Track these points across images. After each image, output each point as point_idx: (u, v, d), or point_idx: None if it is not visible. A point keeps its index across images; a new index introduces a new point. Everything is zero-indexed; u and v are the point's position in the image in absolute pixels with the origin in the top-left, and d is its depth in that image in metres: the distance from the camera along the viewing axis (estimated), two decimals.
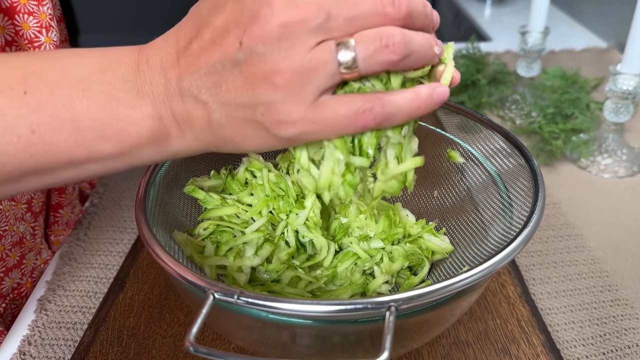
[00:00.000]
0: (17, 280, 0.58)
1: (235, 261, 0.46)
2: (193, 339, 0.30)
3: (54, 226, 0.64)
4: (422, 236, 0.50)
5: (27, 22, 0.53)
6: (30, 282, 0.60)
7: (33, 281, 0.60)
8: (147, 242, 0.38)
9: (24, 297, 0.59)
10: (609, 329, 0.52)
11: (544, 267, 0.59)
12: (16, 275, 0.58)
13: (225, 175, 0.53)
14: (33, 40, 0.54)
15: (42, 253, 0.61)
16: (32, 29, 0.53)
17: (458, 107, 0.52)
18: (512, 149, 0.47)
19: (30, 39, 0.53)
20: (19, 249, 0.57)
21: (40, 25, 0.53)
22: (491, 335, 0.50)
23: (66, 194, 0.64)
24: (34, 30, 0.53)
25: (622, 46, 1.05)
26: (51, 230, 0.64)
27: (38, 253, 0.60)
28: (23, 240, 0.57)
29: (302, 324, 0.35)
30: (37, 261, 0.60)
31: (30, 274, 0.60)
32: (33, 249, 0.59)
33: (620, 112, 0.71)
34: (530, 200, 0.42)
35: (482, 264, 0.35)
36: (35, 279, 0.60)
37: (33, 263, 0.60)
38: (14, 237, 0.56)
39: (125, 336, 0.51)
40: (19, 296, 0.59)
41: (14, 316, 0.58)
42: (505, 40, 1.15)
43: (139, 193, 0.43)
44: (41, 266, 0.61)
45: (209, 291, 0.33)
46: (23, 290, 0.59)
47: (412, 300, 0.32)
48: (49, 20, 0.53)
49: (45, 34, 0.54)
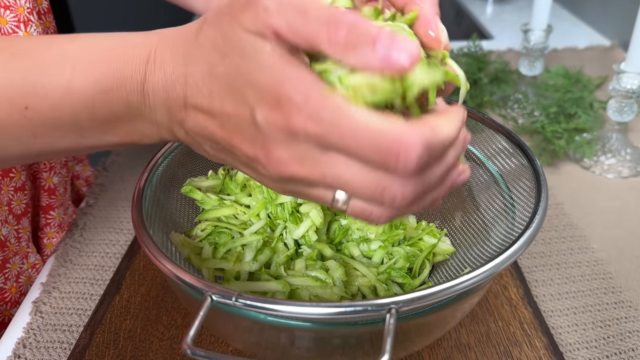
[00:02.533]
0: (0, 284, 0.57)
1: (235, 266, 0.46)
2: (190, 342, 0.30)
3: (45, 228, 0.63)
4: (423, 238, 0.49)
5: (3, 17, 0.52)
6: (15, 288, 0.58)
7: (19, 287, 0.59)
8: (143, 244, 0.38)
9: (9, 303, 0.58)
10: (613, 331, 0.51)
11: (547, 269, 0.58)
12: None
13: (223, 175, 0.52)
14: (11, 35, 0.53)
15: (29, 257, 0.60)
16: (9, 24, 0.52)
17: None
18: (514, 148, 0.47)
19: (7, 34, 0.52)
20: (0, 252, 0.56)
21: (17, 19, 0.52)
22: (493, 338, 0.50)
23: (57, 195, 0.62)
24: (12, 25, 0.52)
25: (626, 44, 1.05)
26: (43, 232, 0.63)
27: (24, 257, 0.59)
28: (6, 244, 0.56)
29: (301, 326, 0.35)
30: (24, 265, 0.59)
31: (16, 278, 0.58)
32: (18, 252, 0.58)
33: (624, 111, 0.70)
34: (532, 200, 0.41)
35: (484, 266, 0.35)
36: (21, 284, 0.59)
37: (19, 267, 0.58)
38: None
39: (121, 339, 0.50)
40: (2, 301, 0.57)
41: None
42: (508, 39, 1.15)
43: (135, 193, 0.43)
44: (28, 270, 0.60)
45: (207, 293, 0.33)
46: (7, 296, 0.58)
47: (412, 302, 0.32)
48: (27, 14, 0.52)
49: (24, 29, 0.52)
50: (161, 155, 0.48)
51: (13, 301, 0.58)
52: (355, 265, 0.48)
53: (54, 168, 0.61)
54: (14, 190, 0.57)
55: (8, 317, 0.58)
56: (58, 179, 0.62)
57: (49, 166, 0.60)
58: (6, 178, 0.55)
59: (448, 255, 0.49)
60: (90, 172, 0.75)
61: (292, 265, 0.47)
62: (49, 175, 0.61)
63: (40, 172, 0.60)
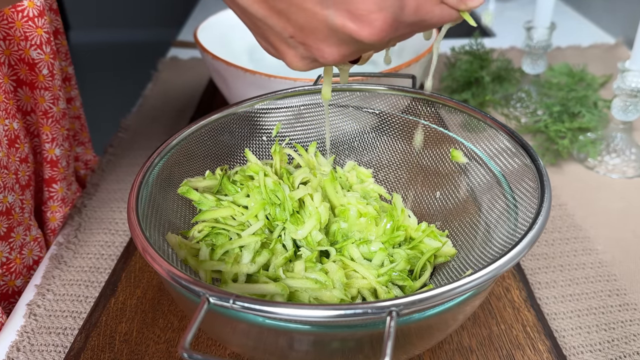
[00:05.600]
0: (6, 254, 0.57)
1: (232, 267, 0.45)
2: (187, 345, 0.30)
3: (49, 202, 0.64)
4: (423, 240, 0.49)
5: None
6: (19, 259, 0.59)
7: (22, 259, 0.59)
8: (139, 245, 0.38)
9: (13, 274, 0.58)
10: (617, 334, 0.51)
11: (550, 271, 0.58)
12: (4, 249, 0.57)
13: (220, 175, 0.52)
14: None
15: (31, 229, 0.61)
16: None
17: (461, 105, 0.51)
18: (517, 148, 0.46)
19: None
20: (6, 219, 0.56)
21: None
22: (495, 341, 0.49)
23: (59, 167, 0.64)
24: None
25: (630, 42, 1.04)
26: (46, 206, 0.64)
27: (27, 229, 0.60)
28: (11, 212, 0.57)
29: (300, 329, 0.35)
30: (27, 237, 0.60)
31: (20, 250, 0.59)
32: (22, 223, 0.59)
33: (629, 110, 0.70)
34: (535, 201, 0.41)
35: (486, 268, 0.34)
36: (24, 256, 0.60)
37: (22, 239, 0.59)
38: (1, 206, 0.55)
39: (117, 342, 0.50)
40: (8, 272, 0.58)
41: (2, 294, 0.58)
42: (510, 36, 1.14)
43: (131, 194, 0.43)
44: (31, 243, 0.60)
45: (204, 296, 0.32)
46: (12, 266, 0.58)
47: (413, 304, 0.32)
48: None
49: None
50: (157, 155, 0.47)
51: (17, 272, 0.59)
52: (355, 268, 0.47)
53: (56, 139, 0.63)
54: (19, 161, 0.58)
55: (12, 289, 0.59)
56: (60, 151, 0.64)
57: (51, 137, 0.62)
58: (12, 148, 0.57)
59: (449, 257, 0.49)
60: (92, 156, 0.75)
61: (291, 267, 0.47)
62: (50, 146, 0.62)
63: (42, 143, 0.62)
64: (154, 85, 0.98)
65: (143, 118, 0.88)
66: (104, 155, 0.77)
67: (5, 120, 0.55)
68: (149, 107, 0.91)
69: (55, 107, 0.61)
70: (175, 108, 0.90)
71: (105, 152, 0.78)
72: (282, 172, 0.52)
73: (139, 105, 0.92)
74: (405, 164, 0.56)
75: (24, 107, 0.60)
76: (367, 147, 0.58)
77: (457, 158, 0.52)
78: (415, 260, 0.48)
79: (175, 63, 1.06)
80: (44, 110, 0.61)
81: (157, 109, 0.90)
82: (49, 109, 0.61)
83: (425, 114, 0.54)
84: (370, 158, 0.58)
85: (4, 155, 0.54)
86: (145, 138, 0.82)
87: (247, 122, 0.55)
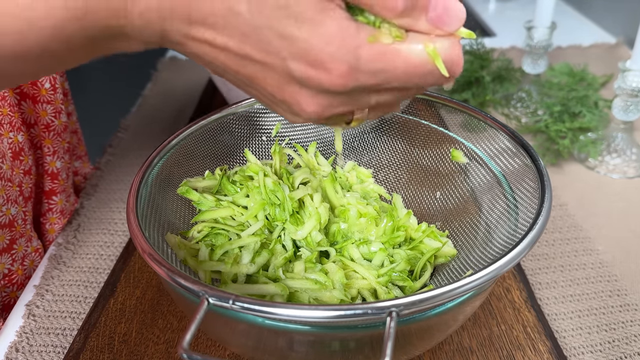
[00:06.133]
0: (8, 266, 0.58)
1: (232, 268, 0.45)
2: (187, 346, 0.30)
3: (48, 214, 0.64)
4: (423, 241, 0.49)
5: None
6: (21, 270, 0.59)
7: (24, 269, 0.60)
8: (139, 245, 0.37)
9: (15, 285, 0.59)
10: (618, 335, 0.51)
11: (551, 271, 0.57)
12: (6, 260, 0.57)
13: (220, 175, 0.52)
14: None
15: (32, 241, 0.61)
16: None
17: (461, 105, 0.51)
18: (518, 148, 0.46)
19: None
20: (8, 231, 0.57)
21: None
22: (496, 342, 0.49)
23: (59, 179, 0.64)
24: None
25: (631, 42, 1.04)
26: (45, 218, 0.65)
27: (29, 240, 0.60)
28: (14, 224, 0.57)
29: (299, 330, 0.35)
30: (28, 248, 0.60)
31: (21, 261, 0.59)
32: (24, 234, 0.59)
33: (630, 110, 0.70)
34: (536, 201, 0.41)
35: (487, 268, 0.34)
36: (26, 267, 0.60)
37: (24, 250, 0.59)
38: (4, 219, 0.56)
39: (116, 343, 0.50)
40: (10, 283, 0.58)
41: (4, 305, 0.58)
42: (511, 36, 1.14)
43: (130, 194, 0.43)
44: (32, 254, 0.61)
45: (204, 296, 0.32)
46: (14, 278, 0.58)
47: (413, 305, 0.32)
48: None
49: None
50: (157, 154, 0.47)
51: (19, 283, 0.59)
52: (355, 268, 0.47)
53: (57, 152, 0.63)
54: (23, 173, 0.58)
55: (14, 299, 0.59)
56: (61, 164, 0.64)
57: (53, 150, 0.63)
58: (16, 161, 0.57)
59: (450, 258, 0.49)
60: (89, 168, 0.76)
61: (290, 268, 0.47)
62: (52, 159, 0.63)
63: (44, 156, 0.62)
64: (154, 85, 0.98)
65: (142, 118, 0.87)
66: (103, 155, 0.77)
67: (10, 133, 0.55)
68: (148, 107, 0.91)
69: (57, 120, 0.62)
70: (174, 108, 0.90)
71: (105, 152, 0.78)
72: (282, 172, 0.52)
73: (139, 105, 0.92)
74: (405, 164, 0.56)
75: (27, 120, 0.60)
76: (367, 147, 0.58)
77: (458, 158, 0.52)
78: (415, 261, 0.48)
79: (175, 63, 1.06)
80: (45, 123, 0.61)
81: (156, 108, 0.90)
82: (51, 122, 0.61)
83: (425, 114, 0.53)
84: (370, 158, 0.58)
85: (7, 168, 0.55)
86: (144, 138, 0.82)
87: (247, 122, 0.55)
